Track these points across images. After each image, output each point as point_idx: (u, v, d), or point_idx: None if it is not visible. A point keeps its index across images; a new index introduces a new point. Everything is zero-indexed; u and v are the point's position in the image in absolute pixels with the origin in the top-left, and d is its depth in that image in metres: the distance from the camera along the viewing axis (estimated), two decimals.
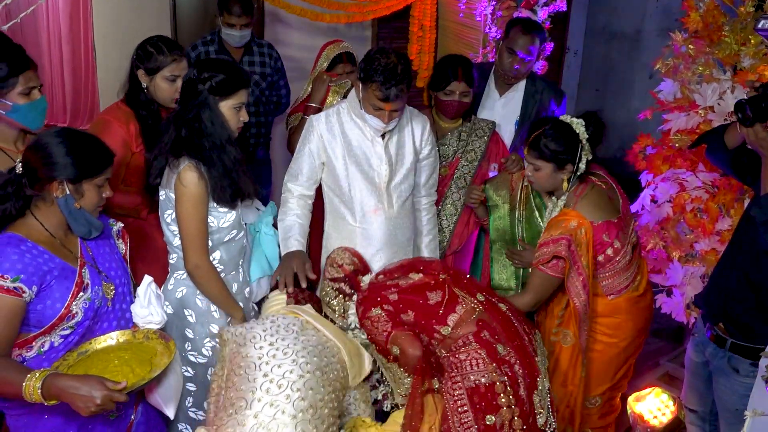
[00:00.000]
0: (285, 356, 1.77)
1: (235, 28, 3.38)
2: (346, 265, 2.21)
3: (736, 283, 2.25)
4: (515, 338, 2.08)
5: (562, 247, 2.30)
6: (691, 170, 3.11)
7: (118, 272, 1.96)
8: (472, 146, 2.89)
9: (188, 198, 2.04)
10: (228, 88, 2.07)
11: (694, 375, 2.54)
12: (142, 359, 1.79)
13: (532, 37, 3.00)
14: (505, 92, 3.17)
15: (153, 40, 2.52)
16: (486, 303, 2.11)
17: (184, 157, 2.04)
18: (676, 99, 3.17)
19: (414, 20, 4.13)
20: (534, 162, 2.37)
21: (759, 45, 2.90)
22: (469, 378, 2.02)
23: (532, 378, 2.05)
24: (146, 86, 2.50)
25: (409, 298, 2.08)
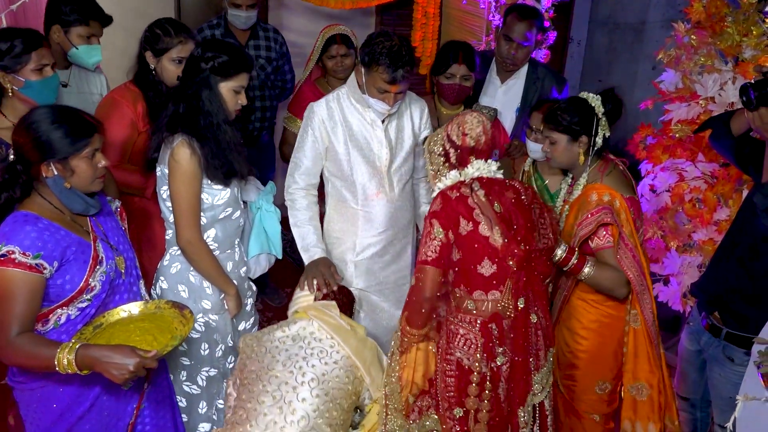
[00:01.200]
0: (291, 375, 1.98)
1: (241, 9, 3.39)
2: (469, 138, 2.10)
3: (733, 272, 2.29)
4: (520, 353, 2.08)
5: (604, 216, 2.26)
6: (691, 160, 3.14)
7: (125, 246, 2.00)
8: None
9: (181, 173, 2.08)
10: (230, 69, 2.11)
11: (687, 363, 2.58)
12: (161, 328, 1.84)
13: (529, 24, 3.02)
14: (507, 80, 3.19)
15: (161, 22, 2.54)
16: (519, 312, 2.07)
17: (179, 133, 2.09)
18: (677, 89, 3.20)
19: (418, 7, 4.14)
20: (550, 134, 2.36)
21: (761, 36, 2.92)
22: (455, 353, 2.07)
23: (521, 393, 2.08)
24: (154, 68, 2.53)
25: (471, 247, 2.02)
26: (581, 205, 2.32)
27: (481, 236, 2.02)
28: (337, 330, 2.09)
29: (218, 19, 3.53)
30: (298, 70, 3.81)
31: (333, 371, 1.99)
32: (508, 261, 2.02)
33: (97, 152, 1.83)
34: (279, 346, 2.02)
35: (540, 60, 3.88)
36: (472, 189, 2.05)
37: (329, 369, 1.99)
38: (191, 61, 2.12)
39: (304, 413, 1.89)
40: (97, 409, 1.90)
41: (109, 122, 2.52)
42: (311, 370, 1.96)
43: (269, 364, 1.99)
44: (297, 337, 2.05)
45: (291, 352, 2.00)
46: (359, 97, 2.46)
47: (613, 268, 2.27)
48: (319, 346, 2.03)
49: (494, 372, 2.06)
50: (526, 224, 2.06)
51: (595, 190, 2.31)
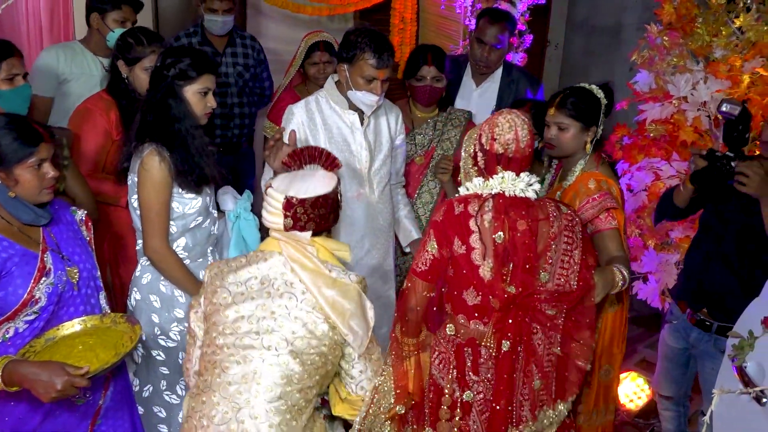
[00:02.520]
0: (266, 349, 1.71)
1: (218, 14, 3.39)
2: (497, 144, 1.87)
3: (720, 271, 2.33)
4: (499, 399, 1.91)
5: (608, 201, 2.27)
6: (666, 159, 3.18)
7: (82, 257, 1.93)
8: (447, 135, 2.93)
9: (150, 182, 2.06)
10: (191, 72, 2.10)
11: (671, 361, 2.60)
12: (106, 344, 1.78)
13: (501, 27, 3.06)
14: (481, 82, 3.23)
15: (133, 32, 2.55)
16: (503, 355, 1.89)
17: (149, 142, 2.08)
18: (651, 90, 3.24)
19: (395, 12, 4.16)
20: (562, 121, 2.30)
21: (730, 36, 2.97)
22: (432, 370, 1.97)
23: (497, 422, 1.91)
24: (126, 76, 2.53)
25: (460, 271, 1.88)
26: (578, 191, 2.33)
27: (471, 263, 1.86)
28: (312, 275, 1.72)
29: (195, 27, 3.54)
30: (277, 77, 3.82)
31: (303, 331, 1.69)
32: (491, 300, 1.86)
33: (45, 162, 1.78)
34: (245, 292, 1.73)
35: (517, 63, 3.92)
36: (482, 208, 1.86)
37: (298, 328, 1.69)
38: (155, 71, 2.13)
39: (270, 382, 1.67)
40: (50, 424, 1.85)
41: (82, 132, 2.54)
42: (279, 331, 1.68)
43: (234, 320, 1.71)
44: (266, 279, 1.73)
45: (257, 302, 1.71)
46: (339, 99, 2.48)
47: (621, 258, 2.21)
48: (289, 292, 1.72)
49: (465, 403, 1.93)
50: (524, 265, 1.85)
51: (593, 177, 2.33)
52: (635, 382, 3.22)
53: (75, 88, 2.92)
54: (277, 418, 1.66)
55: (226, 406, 1.67)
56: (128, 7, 2.92)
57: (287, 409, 1.68)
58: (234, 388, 1.68)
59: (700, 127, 3.06)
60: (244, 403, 1.66)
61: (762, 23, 2.88)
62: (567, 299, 1.92)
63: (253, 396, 1.66)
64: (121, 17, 2.88)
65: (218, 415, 1.67)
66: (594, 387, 2.44)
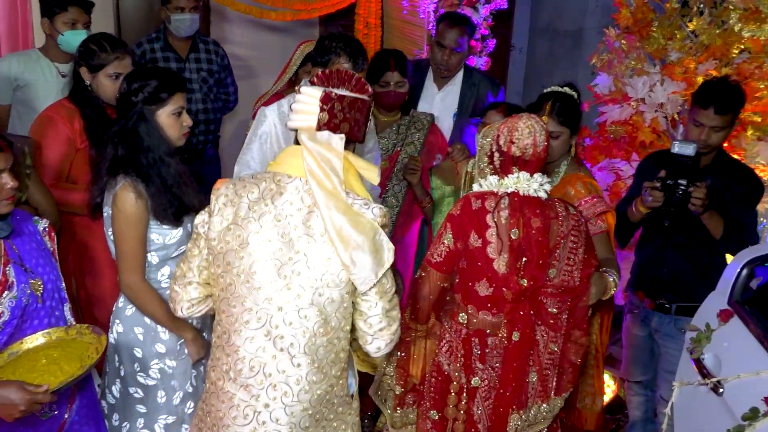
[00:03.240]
0: (286, 303, 1.60)
1: (185, 12, 3.36)
2: (515, 147, 1.93)
3: (672, 258, 2.48)
4: (507, 386, 2.00)
5: (601, 205, 2.34)
6: (626, 159, 3.26)
7: (46, 268, 1.88)
8: (411, 139, 2.97)
9: (124, 217, 1.95)
10: (162, 94, 1.97)
11: (638, 348, 2.71)
12: (71, 356, 1.74)
13: (460, 30, 3.09)
14: (443, 86, 3.27)
15: (96, 38, 2.51)
16: (513, 344, 1.98)
17: (122, 175, 1.96)
18: (610, 92, 3.33)
19: (359, 18, 4.18)
20: (554, 129, 2.33)
21: (684, 39, 3.07)
22: (438, 357, 2.06)
23: (502, 406, 2.00)
24: (89, 83, 2.49)
25: (475, 263, 1.96)
26: (566, 193, 2.37)
27: (486, 257, 1.94)
28: (327, 196, 1.57)
29: (157, 33, 3.50)
30: (242, 83, 3.81)
31: (324, 276, 1.57)
32: (505, 291, 1.96)
33: (4, 173, 1.73)
34: (260, 231, 1.58)
35: (481, 67, 3.98)
36: (499, 205, 1.95)
37: (319, 275, 1.57)
38: (121, 98, 2.00)
39: (293, 340, 1.59)
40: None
41: (45, 140, 2.48)
42: (297, 280, 1.57)
43: (251, 265, 1.58)
44: (281, 215, 1.59)
45: (273, 247, 1.58)
46: None
47: (610, 260, 2.29)
48: (304, 233, 1.58)
49: (471, 389, 2.04)
50: (538, 260, 1.94)
51: (579, 179, 2.39)
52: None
53: (30, 94, 2.89)
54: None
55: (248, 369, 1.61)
56: (76, 8, 2.86)
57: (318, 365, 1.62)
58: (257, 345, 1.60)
59: (658, 127, 3.15)
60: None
61: (714, 27, 2.98)
62: (570, 295, 2.01)
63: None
64: (70, 19, 2.84)
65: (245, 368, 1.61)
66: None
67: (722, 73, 2.94)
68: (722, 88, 2.36)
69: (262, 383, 1.61)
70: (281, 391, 1.60)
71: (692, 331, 2.14)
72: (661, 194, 2.28)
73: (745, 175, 2.49)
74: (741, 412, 1.69)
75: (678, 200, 2.26)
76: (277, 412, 1.61)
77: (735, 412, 1.74)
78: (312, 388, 1.62)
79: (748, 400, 1.70)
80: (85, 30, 2.89)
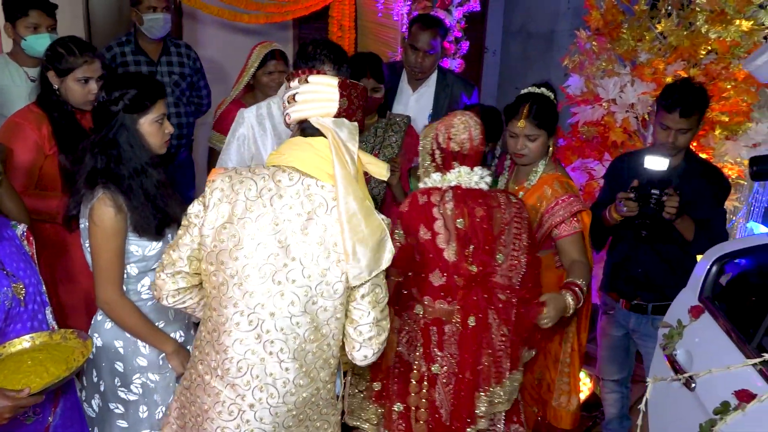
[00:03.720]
0: (277, 309, 1.59)
1: (158, 11, 3.32)
2: (453, 143, 2.08)
3: (646, 258, 2.51)
4: (466, 369, 2.07)
5: (577, 204, 2.36)
6: (598, 159, 3.30)
7: (27, 272, 1.88)
8: (388, 141, 2.97)
9: (101, 230, 1.89)
10: (144, 101, 1.92)
11: (614, 349, 2.74)
12: (57, 359, 1.73)
13: (432, 32, 3.11)
14: (417, 87, 3.29)
15: (64, 41, 2.47)
16: (470, 330, 2.06)
17: (100, 186, 1.89)
18: (582, 93, 3.37)
19: (333, 21, 4.18)
20: (533, 131, 2.35)
21: (653, 41, 3.12)
22: (398, 348, 2.13)
23: (467, 411, 2.06)
24: (57, 88, 2.45)
25: (426, 255, 2.06)
26: (543, 193, 2.40)
27: (436, 247, 2.06)
28: (347, 179, 1.53)
29: (127, 36, 3.46)
30: (215, 86, 3.78)
31: (319, 286, 1.56)
32: (456, 279, 2.06)
33: None
34: (257, 234, 1.55)
35: (455, 69, 4.00)
36: (444, 198, 2.07)
37: (314, 284, 1.55)
38: (99, 108, 1.92)
39: (283, 345, 1.58)
40: None
41: (12, 147, 2.43)
42: (291, 287, 1.55)
43: (244, 268, 1.56)
44: (279, 218, 1.55)
45: (269, 252, 1.55)
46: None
47: (581, 264, 2.31)
48: (302, 240, 1.55)
49: (432, 376, 2.10)
50: (484, 246, 2.05)
51: (557, 179, 2.41)
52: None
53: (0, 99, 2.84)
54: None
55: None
56: (37, 11, 2.82)
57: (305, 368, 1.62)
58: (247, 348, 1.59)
59: (629, 127, 3.19)
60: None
61: (682, 28, 3.03)
62: (517, 294, 2.12)
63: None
64: (31, 23, 2.81)
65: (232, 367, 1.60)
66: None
67: (690, 74, 2.99)
68: (686, 90, 2.38)
69: (248, 384, 1.60)
70: (267, 392, 1.60)
71: (664, 328, 2.17)
72: (636, 204, 2.31)
73: (712, 174, 2.54)
74: (713, 407, 1.71)
75: (653, 211, 2.30)
76: (262, 412, 1.61)
77: (707, 406, 1.76)
78: (298, 391, 1.62)
79: (720, 394, 1.72)
80: (49, 33, 2.84)
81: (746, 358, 1.76)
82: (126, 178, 1.90)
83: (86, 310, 2.54)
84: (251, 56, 3.19)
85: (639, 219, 2.35)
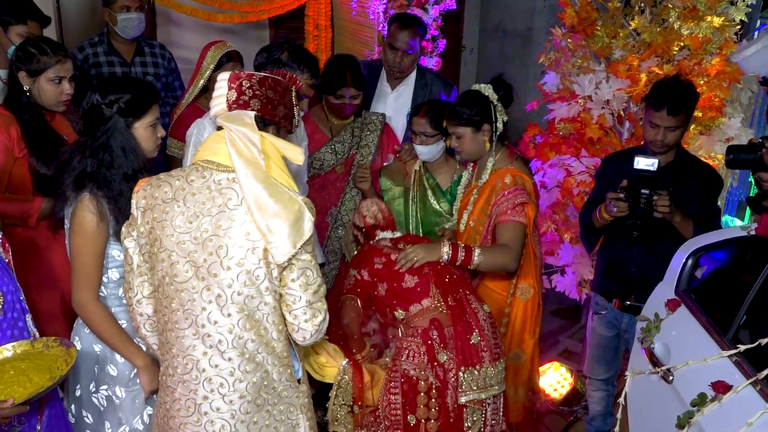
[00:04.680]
0: (208, 303, 1.62)
1: (131, 11, 3.27)
2: (369, 218, 2.47)
3: (639, 257, 2.49)
4: (465, 350, 2.19)
5: (521, 196, 2.40)
6: (575, 156, 3.32)
7: (4, 279, 1.83)
8: (365, 141, 2.97)
9: (80, 233, 1.87)
10: (141, 106, 1.91)
11: (603, 348, 2.72)
12: (40, 367, 1.69)
13: (411, 32, 3.11)
14: (396, 86, 3.28)
15: (34, 41, 2.42)
16: (454, 308, 2.24)
17: (85, 190, 1.86)
18: (558, 90, 3.38)
19: (309, 20, 4.15)
20: (455, 130, 2.46)
21: (627, 38, 3.14)
22: (401, 367, 2.18)
23: (466, 357, 2.17)
24: (29, 89, 2.40)
25: (390, 274, 2.28)
26: (495, 186, 2.45)
27: (395, 261, 2.30)
28: (246, 164, 1.56)
29: (100, 36, 3.40)
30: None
31: (240, 276, 1.58)
32: (426, 269, 2.29)
33: None
34: (174, 233, 1.58)
35: (432, 67, 4.00)
36: (381, 242, 2.44)
37: (234, 275, 1.58)
38: (92, 110, 1.88)
39: (221, 337, 1.61)
40: None
41: None
42: (215, 280, 1.58)
43: (171, 267, 1.60)
44: (193, 215, 1.58)
45: (188, 249, 1.58)
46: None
47: (503, 247, 2.39)
48: (214, 233, 1.57)
49: (441, 380, 2.15)
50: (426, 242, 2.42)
51: (509, 172, 2.45)
52: (558, 371, 3.33)
53: None
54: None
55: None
56: (34, 22, 2.79)
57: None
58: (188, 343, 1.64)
59: (605, 124, 3.21)
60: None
61: (655, 25, 3.06)
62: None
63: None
64: (26, 32, 2.74)
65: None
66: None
67: (664, 70, 3.02)
68: (674, 88, 2.37)
69: (197, 378, 1.64)
70: (217, 383, 1.64)
71: (642, 321, 2.19)
72: (626, 205, 2.32)
73: (704, 171, 2.52)
74: (690, 399, 1.73)
75: (642, 210, 2.30)
76: (216, 402, 1.65)
77: (684, 398, 1.78)
78: (246, 377, 1.66)
79: (697, 386, 1.74)
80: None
81: (722, 350, 1.78)
82: (116, 183, 1.88)
83: (64, 316, 2.50)
84: (205, 58, 3.05)
85: (629, 219, 2.35)
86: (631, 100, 3.18)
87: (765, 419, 1.52)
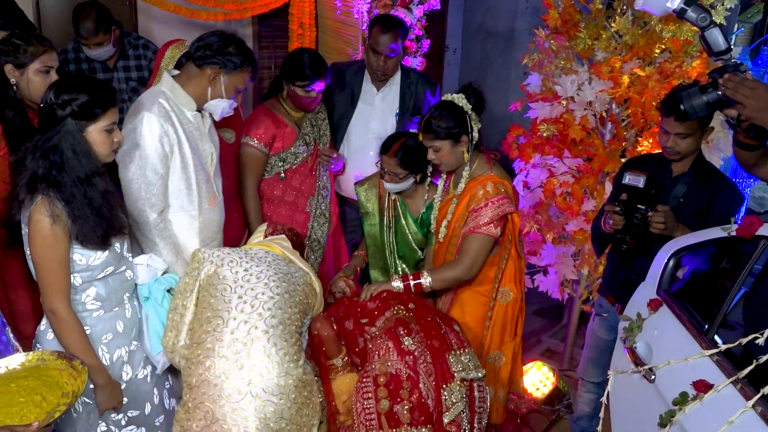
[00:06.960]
0: (258, 280, 2.05)
1: (90, 48, 3.23)
2: (337, 293, 2.61)
3: (639, 263, 2.44)
4: (433, 338, 2.23)
5: (506, 206, 2.40)
6: (558, 156, 3.34)
7: None
8: (324, 130, 3.12)
9: (41, 239, 1.80)
10: (94, 109, 1.84)
11: (600, 351, 2.71)
12: (49, 384, 1.60)
13: (393, 35, 3.08)
14: (382, 87, 3.27)
15: (17, 34, 2.37)
16: (416, 310, 2.34)
17: (39, 192, 1.80)
18: (541, 91, 3.40)
19: (293, 18, 4.13)
20: (432, 144, 2.46)
21: (609, 39, 3.17)
22: (374, 366, 2.18)
23: (442, 375, 2.18)
24: (16, 83, 2.35)
25: (353, 307, 2.42)
26: (475, 194, 2.45)
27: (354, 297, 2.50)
28: (289, 251, 2.27)
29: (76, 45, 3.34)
30: None
31: (284, 276, 2.13)
32: (382, 293, 2.44)
33: None
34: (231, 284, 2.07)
35: (416, 68, 4.00)
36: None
37: (281, 272, 2.13)
38: (45, 110, 1.82)
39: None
40: None
41: None
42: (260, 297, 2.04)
43: (226, 298, 2.03)
44: (248, 253, 2.19)
45: (248, 264, 2.12)
46: (187, 101, 2.33)
47: (452, 262, 2.47)
48: (268, 258, 2.18)
49: (412, 368, 2.15)
50: None
51: (490, 180, 2.45)
52: (540, 370, 3.35)
53: None
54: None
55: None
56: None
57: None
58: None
59: (588, 125, 3.24)
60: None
61: (637, 27, 3.09)
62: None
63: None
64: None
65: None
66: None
67: (646, 72, 3.05)
68: None
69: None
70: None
71: (625, 321, 2.21)
72: (621, 218, 2.32)
73: (724, 186, 2.39)
74: (672, 397, 1.75)
75: (637, 226, 2.30)
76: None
77: (666, 397, 1.80)
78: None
79: (678, 385, 1.76)
80: None
81: (703, 350, 1.81)
82: (68, 186, 1.81)
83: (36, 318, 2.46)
84: (163, 57, 2.98)
85: (620, 233, 2.35)
86: (614, 101, 3.21)
87: (745, 417, 1.54)
